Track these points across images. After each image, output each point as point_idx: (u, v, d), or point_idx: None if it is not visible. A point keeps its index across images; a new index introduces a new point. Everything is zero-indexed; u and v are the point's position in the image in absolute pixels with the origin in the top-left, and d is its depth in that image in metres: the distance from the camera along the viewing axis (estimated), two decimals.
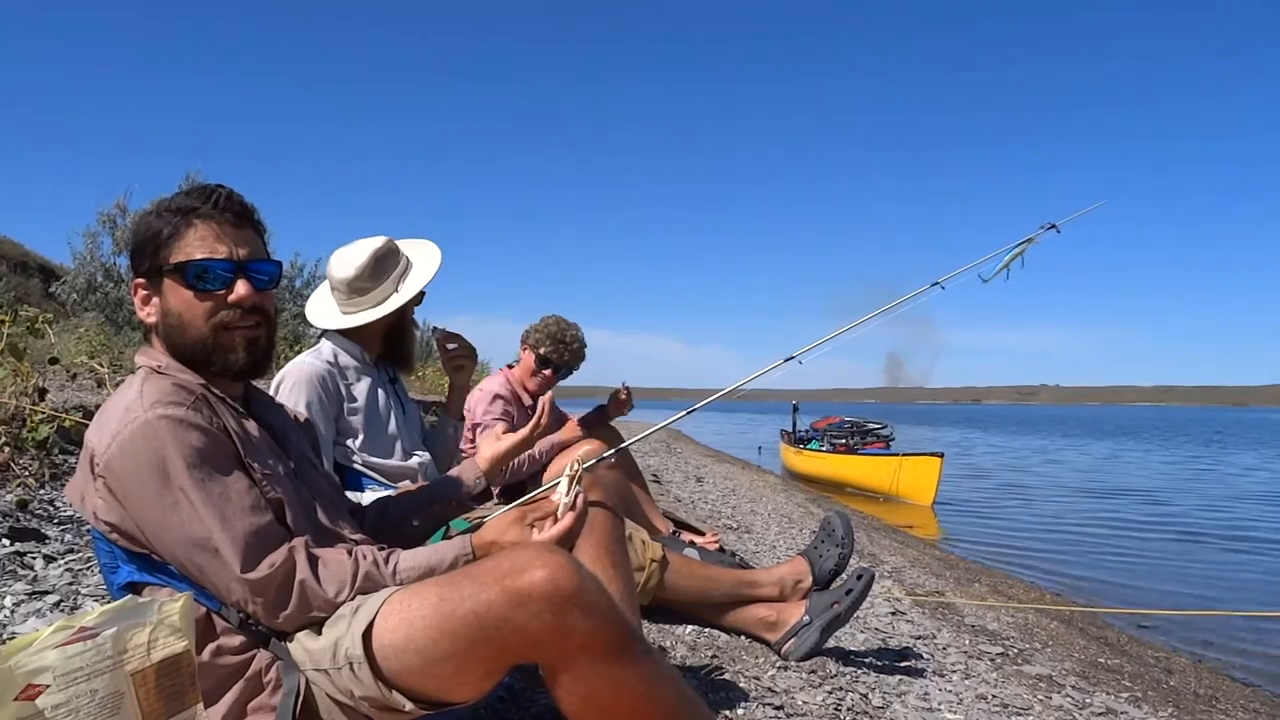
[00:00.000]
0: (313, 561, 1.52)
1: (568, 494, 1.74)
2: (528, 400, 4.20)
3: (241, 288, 1.61)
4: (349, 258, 2.69)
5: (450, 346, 2.95)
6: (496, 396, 4.07)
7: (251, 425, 1.67)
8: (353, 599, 1.51)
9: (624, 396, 4.45)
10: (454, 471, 2.27)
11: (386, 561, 1.58)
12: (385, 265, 2.70)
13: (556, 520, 1.71)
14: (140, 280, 1.65)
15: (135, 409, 1.49)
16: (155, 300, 1.64)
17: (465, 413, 4.16)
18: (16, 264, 16.99)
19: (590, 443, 3.61)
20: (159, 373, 1.60)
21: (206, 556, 1.46)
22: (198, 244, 1.60)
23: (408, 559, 1.60)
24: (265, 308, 1.66)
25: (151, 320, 1.65)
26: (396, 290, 2.68)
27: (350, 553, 1.57)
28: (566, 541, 1.70)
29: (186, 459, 1.46)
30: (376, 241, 2.71)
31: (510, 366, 4.31)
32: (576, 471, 1.78)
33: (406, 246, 2.82)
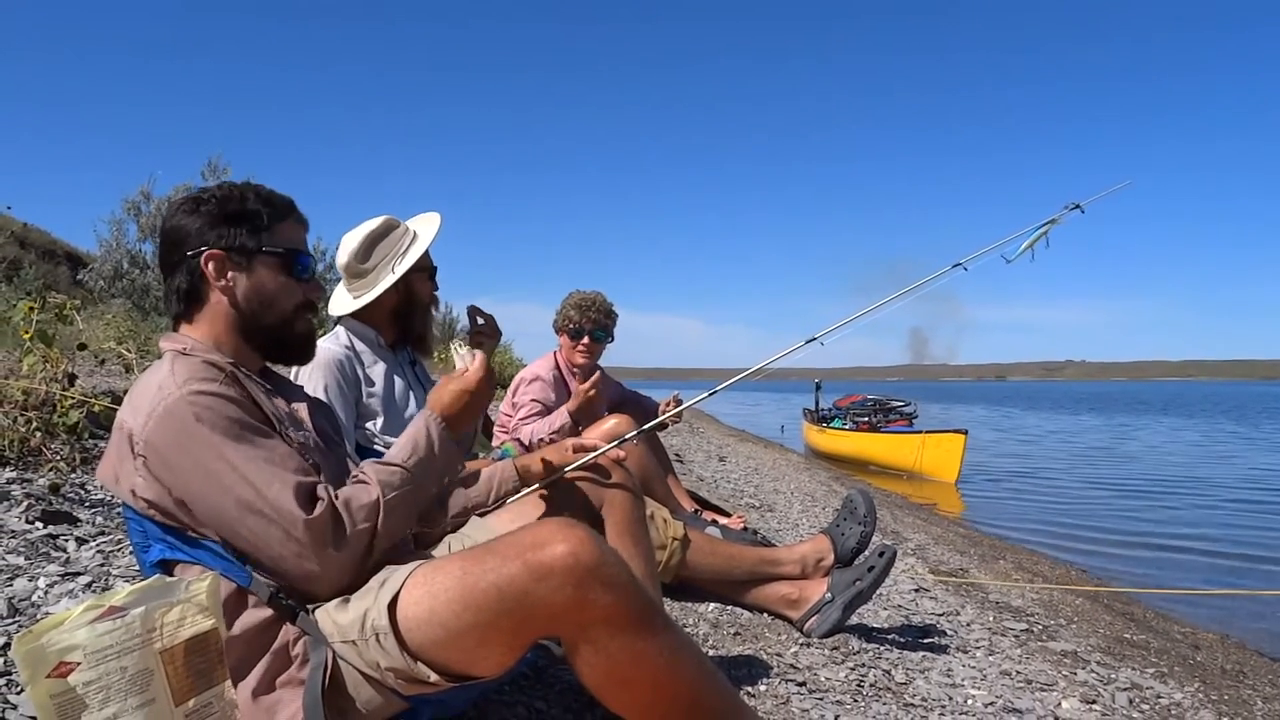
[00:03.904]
0: (342, 489, 1.56)
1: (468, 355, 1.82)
2: (576, 382, 4.26)
3: (316, 286, 1.79)
4: (344, 243, 2.71)
5: (478, 321, 2.97)
6: (536, 378, 4.12)
7: (280, 401, 1.71)
8: (395, 499, 1.55)
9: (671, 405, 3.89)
10: (491, 476, 2.14)
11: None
12: (380, 245, 2.69)
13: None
14: (222, 253, 1.67)
15: (168, 386, 1.52)
16: (235, 276, 1.68)
17: (509, 391, 4.25)
18: (44, 251, 17.22)
19: (618, 418, 3.62)
20: (185, 354, 1.63)
21: (255, 518, 1.46)
22: (294, 237, 1.76)
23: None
24: (317, 302, 1.83)
25: (224, 293, 1.68)
26: (391, 270, 2.68)
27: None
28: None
29: (224, 429, 1.49)
30: (373, 223, 2.70)
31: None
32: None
33: (415, 222, 2.80)
